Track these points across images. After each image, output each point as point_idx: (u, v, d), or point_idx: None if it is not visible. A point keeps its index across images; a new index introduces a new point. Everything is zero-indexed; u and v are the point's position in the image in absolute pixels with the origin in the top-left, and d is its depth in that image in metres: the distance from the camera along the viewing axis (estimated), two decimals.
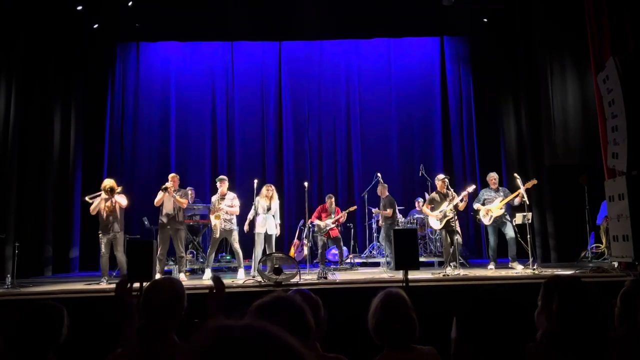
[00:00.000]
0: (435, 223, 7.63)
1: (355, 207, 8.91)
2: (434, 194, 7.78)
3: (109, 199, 6.97)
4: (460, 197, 7.31)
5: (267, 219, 7.50)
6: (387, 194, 8.58)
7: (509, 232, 7.47)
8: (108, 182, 7.06)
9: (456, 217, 7.34)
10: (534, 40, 8.83)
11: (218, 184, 7.51)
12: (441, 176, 7.71)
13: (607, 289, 2.57)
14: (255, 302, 1.56)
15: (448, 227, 7.39)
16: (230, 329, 0.71)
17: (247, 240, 7.77)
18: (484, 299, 1.57)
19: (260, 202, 7.59)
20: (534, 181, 7.37)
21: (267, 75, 10.68)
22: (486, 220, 7.58)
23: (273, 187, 7.68)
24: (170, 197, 7.23)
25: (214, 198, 7.54)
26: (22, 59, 8.26)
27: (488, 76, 10.25)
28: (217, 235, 7.36)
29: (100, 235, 7.00)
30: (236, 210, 7.51)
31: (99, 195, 7.08)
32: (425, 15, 9.82)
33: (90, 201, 7.14)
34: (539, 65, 8.73)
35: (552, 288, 1.93)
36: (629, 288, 2.38)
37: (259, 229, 7.51)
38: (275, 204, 7.63)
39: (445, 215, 7.40)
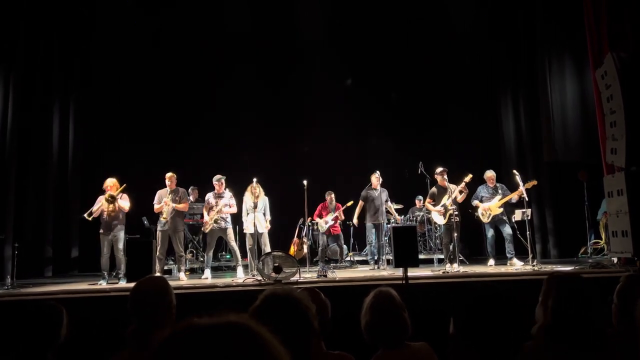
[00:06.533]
0: (438, 218, 7.63)
1: (352, 202, 8.81)
2: (434, 189, 7.78)
3: (112, 202, 6.93)
4: (459, 189, 7.31)
5: (257, 218, 7.32)
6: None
7: (507, 230, 7.48)
8: (110, 182, 6.99)
9: (457, 212, 7.34)
10: (532, 37, 8.83)
11: (216, 183, 7.49)
12: (439, 169, 7.65)
13: (607, 285, 2.57)
14: (266, 291, 1.56)
15: (448, 223, 7.39)
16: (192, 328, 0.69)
17: (244, 238, 7.77)
18: (483, 296, 1.57)
19: (247, 201, 7.53)
20: (534, 182, 7.36)
21: None
22: (485, 219, 7.59)
23: (259, 185, 7.45)
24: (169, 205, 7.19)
25: (210, 195, 7.54)
26: (21, 58, 8.24)
27: (487, 72, 10.24)
28: (207, 230, 7.36)
29: (101, 235, 6.99)
30: (234, 209, 7.51)
31: (96, 204, 7.01)
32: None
33: (89, 219, 7.04)
34: (537, 61, 8.73)
35: (552, 283, 1.94)
36: (624, 284, 2.38)
37: (248, 229, 7.44)
38: (263, 201, 7.51)
39: (446, 209, 7.41)
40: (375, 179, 8.09)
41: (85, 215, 7.08)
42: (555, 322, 1.82)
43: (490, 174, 7.76)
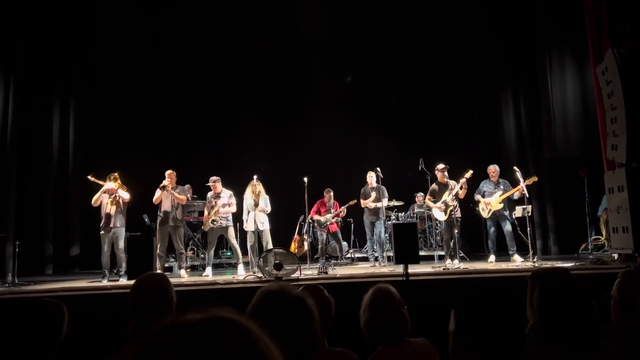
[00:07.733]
0: (439, 215, 7.64)
1: (355, 201, 8.81)
2: (434, 186, 7.78)
3: (113, 193, 6.96)
4: (460, 185, 7.32)
5: (257, 216, 7.34)
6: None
7: (507, 226, 7.48)
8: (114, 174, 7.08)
9: (457, 207, 7.32)
10: (532, 36, 8.82)
11: (211, 185, 7.51)
12: (440, 166, 7.66)
13: (607, 281, 2.57)
14: (263, 287, 1.55)
15: (449, 219, 7.40)
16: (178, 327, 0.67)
17: (244, 236, 7.77)
18: (484, 292, 1.57)
19: (248, 198, 7.55)
20: (535, 178, 7.35)
21: None
22: (485, 214, 7.59)
23: (259, 182, 7.47)
24: (169, 195, 7.24)
25: (209, 195, 7.58)
26: (21, 58, 8.25)
27: (487, 71, 10.23)
28: (207, 228, 7.40)
29: (102, 233, 7.00)
30: (233, 209, 7.52)
31: (102, 186, 7.03)
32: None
33: (92, 180, 7.11)
34: (537, 59, 8.72)
35: (535, 281, 1.90)
36: (623, 280, 2.38)
37: (249, 227, 7.46)
38: (264, 199, 7.50)
39: (447, 206, 7.41)
40: (370, 177, 8.22)
41: (90, 176, 7.13)
42: (543, 321, 1.78)
43: (493, 167, 7.74)
